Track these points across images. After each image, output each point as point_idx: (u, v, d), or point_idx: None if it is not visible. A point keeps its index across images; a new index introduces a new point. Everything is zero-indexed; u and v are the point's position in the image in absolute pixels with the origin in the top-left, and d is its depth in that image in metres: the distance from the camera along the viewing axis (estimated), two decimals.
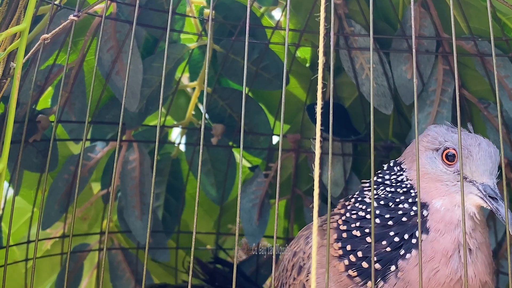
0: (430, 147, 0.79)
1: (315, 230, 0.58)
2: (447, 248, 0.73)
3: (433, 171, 0.77)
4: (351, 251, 0.75)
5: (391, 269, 0.73)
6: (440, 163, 0.77)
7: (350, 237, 0.76)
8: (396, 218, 0.75)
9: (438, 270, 0.73)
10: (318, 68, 0.59)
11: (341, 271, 0.75)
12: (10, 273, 0.96)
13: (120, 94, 1.06)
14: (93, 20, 1.05)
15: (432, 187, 0.77)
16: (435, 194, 0.77)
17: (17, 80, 0.70)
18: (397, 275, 0.73)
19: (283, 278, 0.84)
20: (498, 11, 0.96)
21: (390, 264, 0.73)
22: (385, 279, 0.73)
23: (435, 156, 0.78)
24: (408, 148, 0.84)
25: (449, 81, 1.05)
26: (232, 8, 1.09)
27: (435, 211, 0.76)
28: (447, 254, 0.73)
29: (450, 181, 0.76)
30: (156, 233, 1.19)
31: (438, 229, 0.74)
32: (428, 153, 0.78)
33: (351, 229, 0.77)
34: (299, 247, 0.83)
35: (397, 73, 1.06)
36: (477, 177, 0.76)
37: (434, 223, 0.75)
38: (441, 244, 0.74)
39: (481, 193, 0.75)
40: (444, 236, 0.74)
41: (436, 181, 0.77)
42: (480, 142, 0.77)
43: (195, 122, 1.21)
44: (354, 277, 0.74)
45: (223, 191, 1.21)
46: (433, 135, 0.80)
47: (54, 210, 1.11)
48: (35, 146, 1.07)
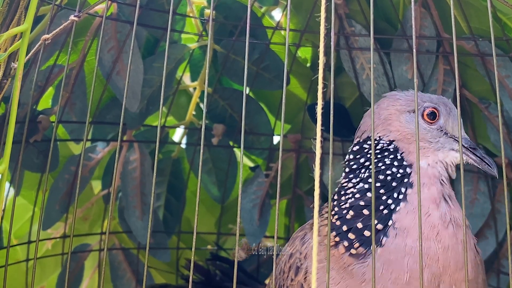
0: (405, 109, 0.82)
1: (315, 230, 0.58)
2: (434, 196, 0.78)
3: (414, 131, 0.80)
4: (348, 230, 0.78)
5: (389, 224, 0.77)
6: (422, 122, 0.81)
7: (344, 221, 0.79)
8: (387, 186, 0.79)
9: (429, 214, 0.77)
10: (319, 68, 0.59)
11: (341, 252, 0.77)
12: (11, 273, 0.96)
13: (121, 94, 1.06)
14: (93, 21, 1.05)
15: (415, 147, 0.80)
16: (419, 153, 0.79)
17: (18, 81, 0.70)
18: (394, 226, 0.77)
19: (280, 281, 0.85)
20: (499, 11, 0.96)
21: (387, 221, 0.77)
22: (386, 234, 0.76)
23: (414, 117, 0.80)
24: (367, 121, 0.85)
25: (450, 81, 1.05)
26: (233, 8, 1.10)
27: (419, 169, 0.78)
28: (435, 201, 0.78)
29: (434, 138, 0.81)
30: (156, 233, 1.19)
31: (423, 183, 0.79)
32: (405, 115, 0.82)
33: (344, 215, 0.79)
34: (295, 248, 0.84)
35: (398, 73, 1.06)
36: (456, 132, 0.81)
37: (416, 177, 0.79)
38: (427, 193, 0.78)
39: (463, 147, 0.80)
40: (429, 187, 0.79)
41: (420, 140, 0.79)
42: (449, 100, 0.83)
43: (196, 122, 1.21)
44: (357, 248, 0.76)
45: (224, 191, 1.21)
46: (406, 98, 0.83)
47: (55, 210, 1.11)
48: (36, 147, 1.07)
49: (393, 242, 0.76)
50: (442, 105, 0.82)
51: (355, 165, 0.83)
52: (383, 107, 0.84)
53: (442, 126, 0.81)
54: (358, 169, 0.82)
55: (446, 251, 0.76)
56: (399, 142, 0.81)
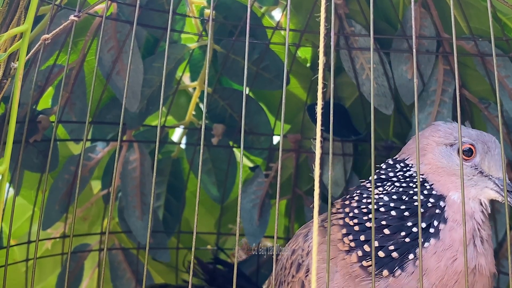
0: (443, 142, 0.80)
1: (315, 230, 0.58)
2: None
3: (448, 166, 0.79)
4: (365, 242, 0.76)
5: (409, 258, 0.74)
6: (456, 158, 0.79)
7: (363, 229, 0.77)
8: (412, 210, 0.77)
9: (456, 258, 0.75)
10: (319, 68, 0.59)
11: (353, 261, 0.76)
12: (10, 273, 0.96)
13: (121, 94, 1.06)
14: (93, 21, 1.05)
15: (448, 180, 0.79)
16: (451, 187, 0.79)
17: (19, 81, 0.70)
18: (415, 263, 0.74)
19: (281, 277, 0.85)
20: (499, 11, 0.96)
21: (408, 253, 0.75)
22: (403, 267, 0.74)
23: (451, 151, 0.80)
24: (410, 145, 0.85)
25: (450, 81, 1.05)
26: (233, 8, 1.10)
27: (452, 202, 0.78)
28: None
29: (467, 175, 0.79)
30: (156, 233, 1.19)
31: (456, 219, 0.76)
32: (441, 148, 0.80)
33: (363, 222, 0.77)
34: (298, 245, 0.83)
35: (398, 73, 1.06)
36: (494, 172, 0.79)
37: (452, 213, 0.77)
38: (459, 233, 0.75)
39: (497, 187, 0.78)
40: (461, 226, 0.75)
41: (452, 175, 0.79)
42: (495, 139, 0.80)
43: (196, 122, 1.21)
44: (368, 267, 0.75)
45: (224, 191, 1.21)
46: (446, 131, 0.81)
47: (54, 210, 1.11)
48: (36, 146, 1.07)
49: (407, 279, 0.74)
50: (480, 143, 0.79)
51: (383, 175, 0.82)
52: (425, 136, 0.82)
53: (477, 165, 0.79)
54: (386, 180, 0.81)
55: None
56: (430, 175, 0.80)
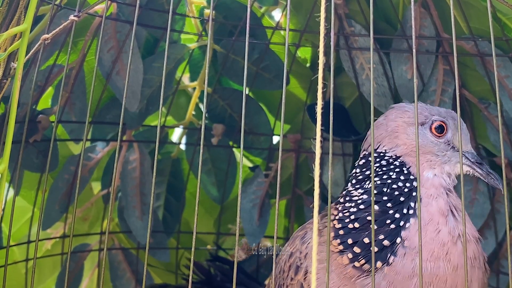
0: (413, 122, 0.82)
1: (315, 230, 0.58)
2: (443, 209, 0.77)
3: (423, 144, 0.81)
4: (353, 244, 0.77)
5: (397, 242, 0.76)
6: (430, 135, 0.81)
7: (348, 232, 0.78)
8: (394, 200, 0.78)
9: (439, 230, 0.76)
10: (319, 68, 0.59)
11: (345, 263, 0.76)
12: (10, 273, 0.96)
13: (121, 94, 1.06)
14: (93, 20, 1.05)
15: (422, 159, 0.81)
16: (425, 166, 0.81)
17: (18, 81, 0.70)
18: (403, 244, 0.75)
19: (280, 280, 0.85)
20: (498, 11, 0.96)
21: (396, 238, 0.76)
22: (394, 252, 0.75)
23: (423, 130, 0.82)
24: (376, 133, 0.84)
25: (449, 81, 1.05)
26: (232, 8, 1.10)
27: (425, 180, 0.80)
28: (444, 214, 0.77)
29: (441, 151, 0.81)
30: (156, 233, 1.19)
31: (430, 194, 0.78)
32: (413, 127, 0.81)
33: (346, 225, 0.78)
34: (295, 247, 0.83)
35: (398, 73, 1.06)
36: (463, 146, 0.81)
37: (425, 189, 0.79)
38: (435, 206, 0.77)
39: (469, 161, 0.81)
40: (437, 199, 0.78)
41: (427, 153, 0.81)
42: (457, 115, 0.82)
43: (196, 122, 1.21)
44: (362, 265, 0.76)
45: (223, 191, 1.21)
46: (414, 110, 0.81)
47: (54, 210, 1.11)
48: (36, 146, 1.07)
49: (401, 262, 0.74)
50: (450, 119, 0.81)
51: (360, 176, 0.83)
52: (391, 119, 0.83)
53: (450, 140, 0.81)
54: (363, 180, 0.82)
55: (455, 271, 0.74)
56: (406, 156, 0.81)
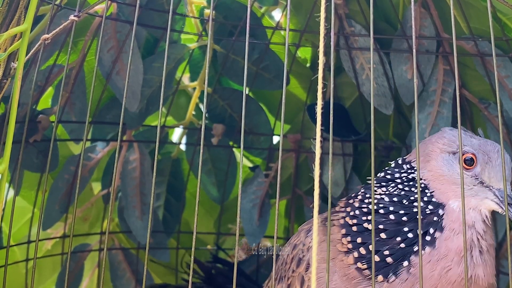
0: (446, 150, 0.80)
1: (315, 230, 0.58)
2: (461, 247, 0.74)
3: (449, 174, 0.78)
4: (361, 244, 0.76)
5: (404, 265, 0.74)
6: (457, 167, 0.78)
7: (361, 230, 0.77)
8: (410, 215, 0.76)
9: (450, 268, 0.74)
10: (319, 68, 0.59)
11: (349, 263, 0.76)
12: (10, 274, 0.96)
13: (121, 94, 1.06)
14: (93, 20, 1.05)
15: (448, 189, 0.78)
16: (451, 195, 0.78)
17: (18, 81, 0.70)
18: (409, 270, 0.74)
19: (281, 272, 0.84)
20: (499, 11, 0.96)
21: (403, 260, 0.74)
22: (397, 274, 0.74)
23: (452, 159, 0.79)
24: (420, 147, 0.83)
25: (450, 81, 1.05)
26: (233, 8, 1.10)
27: (450, 211, 0.77)
28: (460, 253, 0.74)
29: (467, 185, 0.77)
30: (156, 233, 1.19)
31: (453, 228, 0.75)
32: (445, 155, 0.79)
33: (362, 223, 0.77)
34: (299, 240, 0.83)
35: (398, 73, 1.06)
36: (495, 182, 0.77)
37: (450, 222, 0.76)
38: (455, 243, 0.75)
39: (497, 198, 0.77)
40: (458, 236, 0.75)
41: (453, 183, 0.78)
42: (499, 148, 0.78)
43: (196, 122, 1.21)
44: (364, 269, 0.75)
45: (223, 191, 1.21)
46: (450, 138, 0.80)
47: (54, 210, 1.11)
48: (36, 146, 1.07)
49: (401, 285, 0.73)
50: (481, 152, 0.78)
51: (389, 175, 0.81)
52: (431, 141, 0.82)
53: (478, 175, 0.78)
54: (390, 180, 0.81)
55: None
56: (431, 182, 0.79)
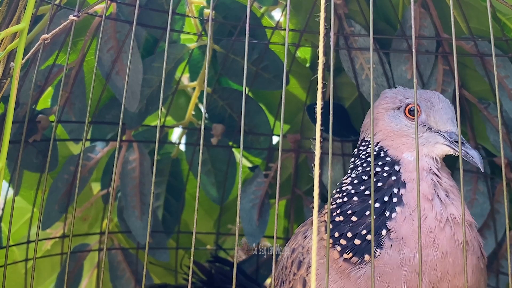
0: (390, 107, 0.83)
1: (315, 230, 0.58)
2: (427, 192, 0.77)
3: (398, 128, 0.82)
4: (340, 236, 0.77)
5: (382, 233, 0.75)
6: (404, 119, 0.82)
7: (335, 225, 0.78)
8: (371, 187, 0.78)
9: (426, 216, 0.75)
10: (318, 68, 0.59)
11: (336, 258, 0.77)
12: (10, 274, 0.96)
13: (120, 94, 1.06)
14: (93, 20, 1.05)
15: (400, 142, 0.81)
16: (404, 149, 0.81)
17: (16, 80, 0.70)
18: (390, 236, 0.75)
19: (282, 276, 0.85)
20: (498, 11, 0.96)
21: (381, 230, 0.75)
22: (381, 245, 0.75)
23: (398, 114, 0.82)
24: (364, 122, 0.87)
25: (449, 81, 1.05)
26: (232, 8, 1.10)
27: (406, 163, 0.80)
28: (428, 198, 0.76)
29: None
30: (156, 233, 1.19)
31: (413, 178, 0.78)
32: (390, 112, 0.83)
33: (334, 218, 0.79)
34: (298, 243, 0.84)
35: (397, 73, 1.06)
36: (442, 125, 0.80)
37: (408, 173, 0.78)
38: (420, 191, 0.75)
39: (447, 140, 0.79)
40: (421, 183, 0.77)
41: (403, 136, 0.81)
42: (438, 94, 0.82)
43: (195, 122, 1.21)
44: (351, 258, 0.76)
45: (223, 191, 1.21)
46: (391, 96, 0.84)
47: (54, 210, 1.11)
48: (35, 146, 1.07)
49: (388, 253, 0.74)
50: (423, 100, 0.81)
51: (351, 165, 0.84)
52: (375, 105, 0.85)
53: (424, 122, 0.81)
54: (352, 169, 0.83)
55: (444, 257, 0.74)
56: (384, 141, 0.82)
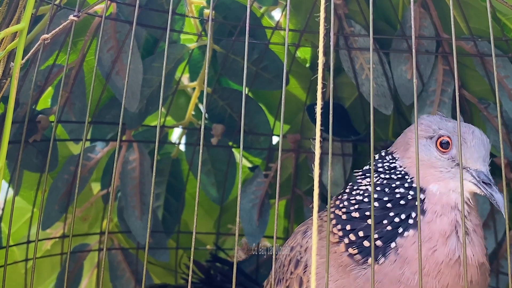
0: (424, 135, 0.81)
1: (315, 230, 0.58)
2: (445, 229, 0.76)
3: (427, 158, 0.80)
4: (350, 231, 0.78)
5: (391, 246, 0.76)
6: (435, 151, 0.80)
7: (349, 218, 0.79)
8: (394, 201, 0.78)
9: (435, 249, 0.75)
10: (318, 68, 0.59)
11: (341, 251, 0.77)
12: (10, 274, 0.96)
13: (120, 94, 1.06)
14: (93, 20, 1.05)
15: (427, 173, 0.79)
16: (431, 179, 0.79)
17: (15, 80, 0.70)
18: (397, 251, 0.75)
19: (279, 274, 0.85)
20: (498, 11, 0.96)
21: (390, 242, 0.76)
22: (386, 255, 0.75)
23: (429, 144, 0.81)
24: (399, 138, 0.86)
25: (449, 81, 1.05)
26: (232, 8, 1.10)
27: (431, 195, 0.78)
28: (445, 234, 0.76)
29: (444, 167, 0.79)
30: (156, 233, 1.19)
31: (435, 211, 0.77)
32: (422, 140, 0.81)
33: (350, 211, 0.79)
34: (296, 242, 0.84)
35: (397, 73, 1.06)
36: (471, 163, 0.78)
37: (431, 205, 0.78)
38: (438, 225, 0.76)
39: (475, 179, 0.78)
40: (441, 217, 0.77)
41: (431, 167, 0.80)
42: (474, 130, 0.80)
43: (195, 122, 1.21)
44: (355, 255, 0.76)
45: (223, 191, 1.21)
46: (426, 124, 0.82)
47: (54, 210, 1.11)
48: (35, 146, 1.07)
49: (391, 266, 0.75)
50: (456, 135, 0.79)
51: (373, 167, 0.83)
52: (410, 129, 0.84)
53: (454, 157, 0.79)
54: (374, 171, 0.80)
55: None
56: (410, 168, 0.81)
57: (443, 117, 0.83)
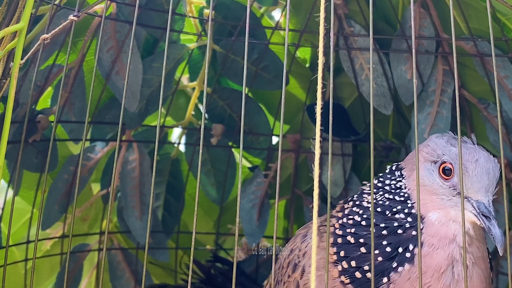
0: (428, 159, 0.78)
1: (315, 230, 0.58)
2: (440, 264, 0.73)
3: (429, 184, 0.76)
4: (344, 257, 0.75)
5: (383, 281, 0.73)
6: (437, 177, 0.76)
7: (345, 242, 0.76)
8: (390, 228, 0.75)
9: (430, 285, 0.72)
10: (318, 68, 0.59)
11: (335, 276, 0.75)
12: (9, 274, 0.96)
13: (120, 94, 1.06)
14: (93, 20, 1.05)
15: (428, 199, 0.76)
16: (430, 207, 0.76)
17: (14, 79, 0.70)
18: (388, 287, 0.73)
19: (278, 276, 0.85)
20: (498, 11, 0.96)
21: (382, 276, 0.73)
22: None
23: (433, 169, 0.77)
24: (410, 155, 0.83)
25: (449, 82, 1.05)
26: (232, 8, 1.09)
27: (429, 225, 0.75)
28: (440, 270, 0.73)
29: (446, 195, 0.75)
30: (155, 233, 1.19)
31: (432, 244, 0.74)
32: (427, 164, 0.77)
33: (346, 235, 0.76)
34: (296, 245, 0.83)
35: (397, 74, 1.06)
36: (472, 193, 0.74)
37: (428, 237, 0.74)
38: (434, 259, 0.73)
39: (474, 210, 0.73)
40: (438, 251, 0.73)
41: (432, 194, 0.76)
42: (478, 157, 0.75)
43: (195, 122, 1.21)
44: (347, 284, 0.74)
45: (223, 191, 1.21)
46: (432, 147, 0.78)
47: (53, 210, 1.11)
48: (35, 146, 1.07)
49: None
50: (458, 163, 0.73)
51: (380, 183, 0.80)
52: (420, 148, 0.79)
53: (456, 185, 0.75)
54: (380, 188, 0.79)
55: None
56: (413, 192, 0.77)
57: (450, 140, 0.78)
